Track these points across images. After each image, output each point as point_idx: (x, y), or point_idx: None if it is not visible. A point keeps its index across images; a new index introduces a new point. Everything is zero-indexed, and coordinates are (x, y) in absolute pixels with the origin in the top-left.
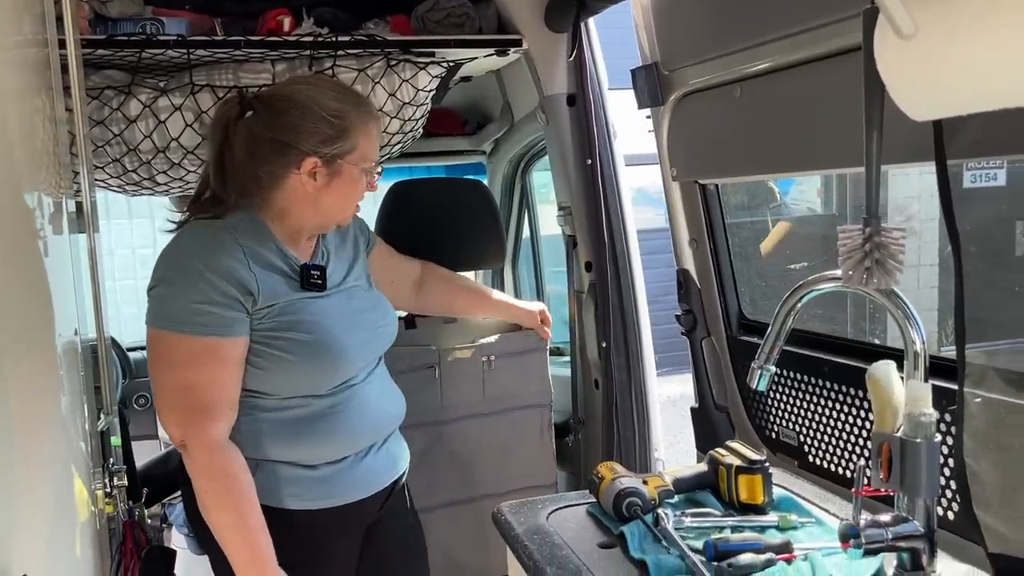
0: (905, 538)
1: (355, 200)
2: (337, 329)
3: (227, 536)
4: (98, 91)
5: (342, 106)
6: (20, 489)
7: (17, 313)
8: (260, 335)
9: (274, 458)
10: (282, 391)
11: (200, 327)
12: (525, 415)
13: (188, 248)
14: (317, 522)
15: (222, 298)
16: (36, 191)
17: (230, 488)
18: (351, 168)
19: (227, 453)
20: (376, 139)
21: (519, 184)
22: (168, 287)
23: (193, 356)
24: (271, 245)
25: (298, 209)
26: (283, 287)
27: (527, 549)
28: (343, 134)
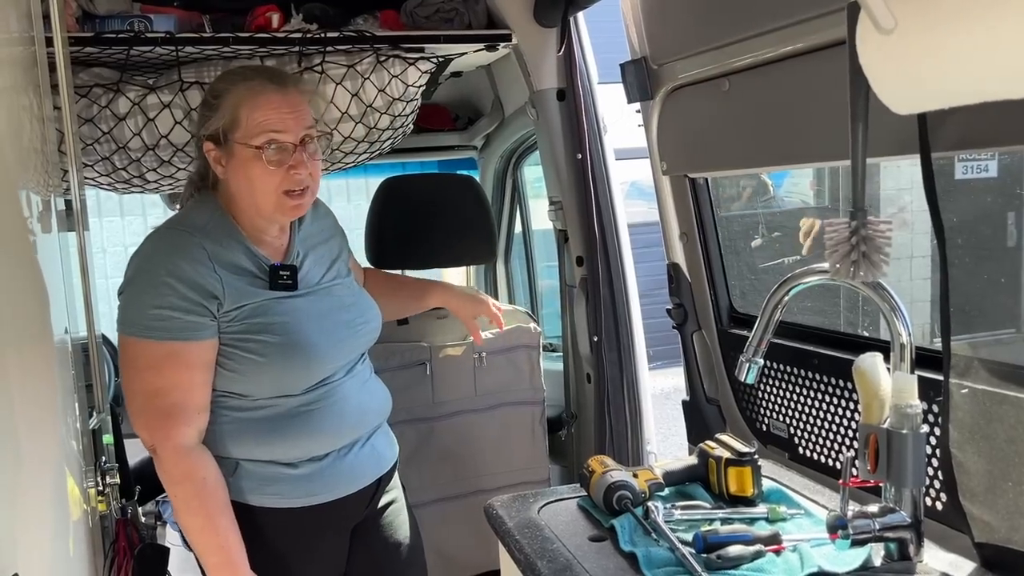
0: (892, 528)
1: (267, 181)
2: (309, 329)
3: (197, 539)
4: (87, 89)
5: (225, 85)
6: (10, 489)
7: (6, 312)
8: (230, 338)
9: (253, 457)
10: (256, 392)
11: (161, 331)
12: (517, 411)
13: (152, 253)
14: (300, 521)
15: (184, 303)
16: (24, 190)
17: (198, 492)
18: (241, 148)
19: (194, 457)
20: (277, 111)
21: (511, 179)
22: (132, 292)
23: (156, 361)
24: (238, 246)
25: (235, 200)
26: (251, 288)
27: (518, 543)
28: (216, 110)
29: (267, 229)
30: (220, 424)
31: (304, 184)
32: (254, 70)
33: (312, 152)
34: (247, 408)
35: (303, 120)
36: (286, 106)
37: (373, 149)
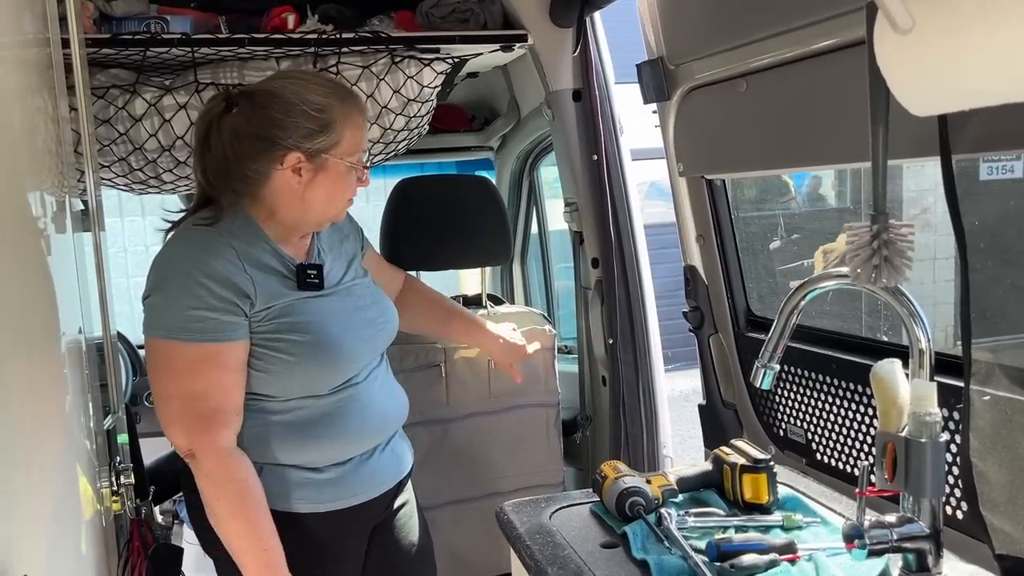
0: (910, 539)
1: (344, 195)
2: (336, 328)
3: (239, 545)
4: (104, 90)
5: (326, 100)
6: (23, 489)
7: (21, 312)
8: (260, 338)
9: (281, 461)
10: (285, 393)
11: (198, 334)
12: (531, 414)
13: (181, 254)
14: (325, 524)
15: (219, 303)
16: (39, 191)
17: (241, 495)
18: (336, 163)
19: (235, 459)
20: (363, 132)
21: (527, 179)
22: (163, 295)
23: (193, 364)
24: (264, 246)
25: (286, 206)
26: (280, 288)
27: (529, 549)
28: (326, 128)
29: (293, 234)
30: (247, 428)
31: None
32: (344, 89)
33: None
34: (274, 411)
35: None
36: (365, 125)
37: (388, 150)
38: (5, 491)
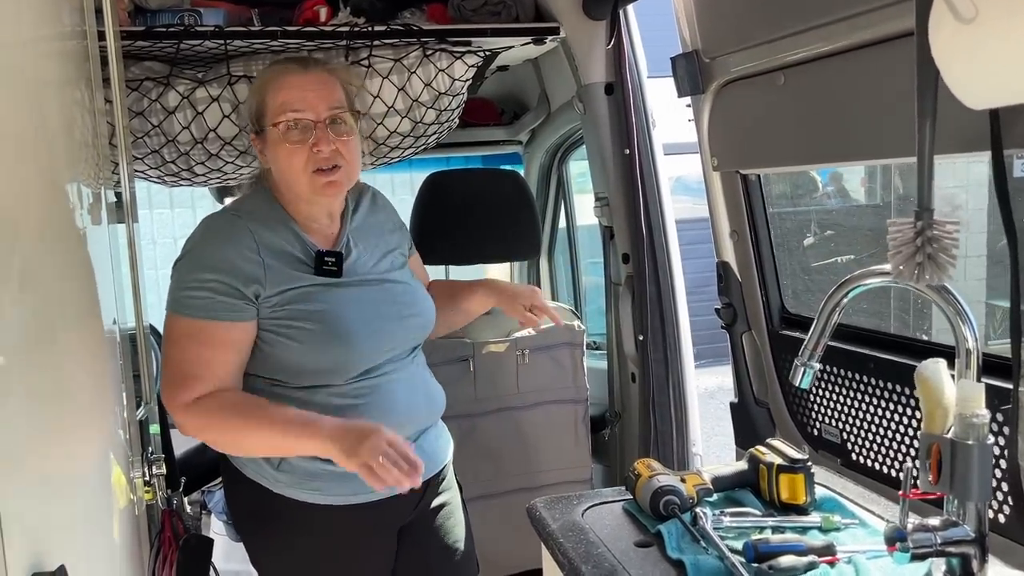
0: (955, 543)
1: (294, 161)
2: (350, 318)
3: (266, 444)
4: (137, 82)
5: (261, 77)
6: (60, 477)
7: (57, 303)
8: (271, 322)
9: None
10: (296, 379)
11: (191, 310)
12: (560, 410)
13: (201, 236)
14: (342, 519)
15: (219, 285)
16: (76, 182)
17: (225, 426)
18: (271, 130)
19: (204, 401)
20: (296, 90)
21: (556, 174)
22: (177, 271)
23: (183, 336)
24: (287, 231)
25: (277, 186)
26: (295, 273)
27: (562, 546)
28: (253, 97)
29: (316, 216)
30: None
31: (332, 162)
32: (286, 58)
33: (341, 131)
34: (293, 398)
35: (327, 98)
36: (308, 84)
37: (419, 144)
38: (44, 479)
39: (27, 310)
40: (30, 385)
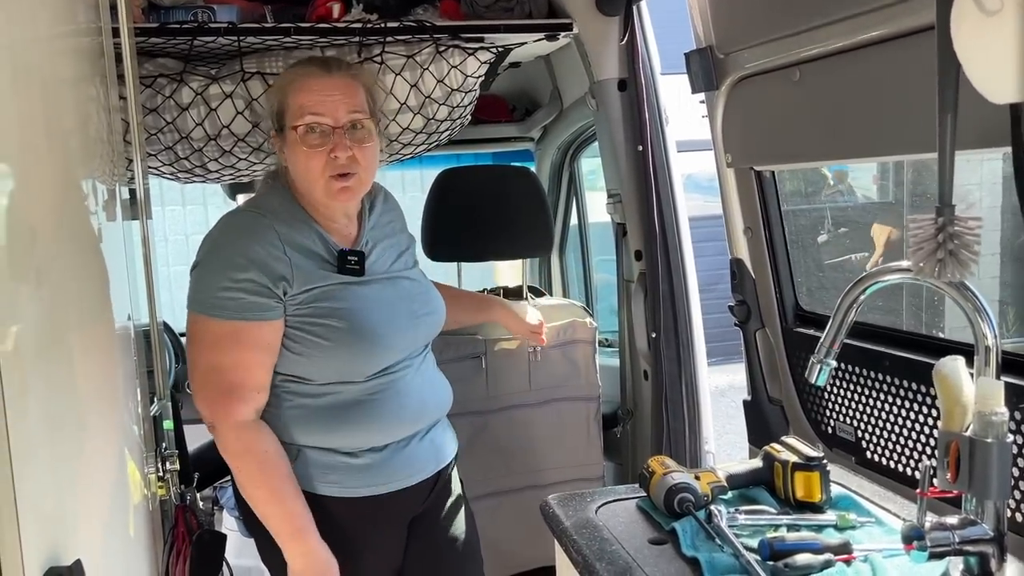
0: (973, 542)
1: (311, 164)
2: (374, 316)
3: (265, 510)
4: (151, 79)
5: (282, 77)
6: (75, 473)
7: (73, 299)
8: (297, 320)
9: (314, 444)
10: (319, 377)
11: (226, 311)
12: (572, 407)
13: (225, 234)
14: (358, 510)
15: (252, 284)
16: (90, 179)
17: (260, 465)
18: (289, 132)
19: (252, 431)
20: (317, 93)
21: (567, 171)
22: (202, 271)
23: (218, 339)
24: (309, 229)
25: (294, 185)
26: (320, 272)
27: (576, 543)
28: (274, 98)
29: (333, 216)
30: (284, 409)
31: (347, 168)
32: (310, 59)
33: (360, 137)
34: (310, 394)
35: (348, 103)
36: (330, 89)
37: (431, 140)
38: (60, 475)
39: (44, 306)
40: (46, 380)
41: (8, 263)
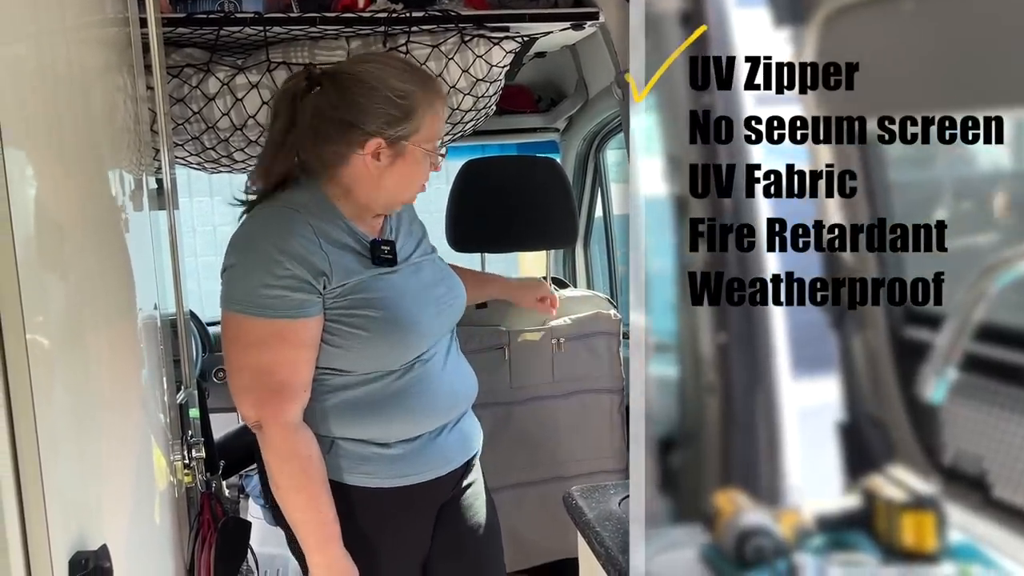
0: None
1: (419, 180)
2: (408, 304)
3: (299, 517)
4: (178, 69)
5: (408, 86)
6: (101, 460)
7: (101, 288)
8: (335, 313)
9: (349, 436)
10: (358, 368)
11: (269, 310)
12: (595, 399)
13: (259, 231)
14: (391, 501)
15: (293, 281)
16: (118, 168)
17: (304, 469)
18: (414, 149)
19: (301, 434)
20: (442, 119)
21: (592, 162)
22: (239, 270)
23: (264, 338)
24: (339, 224)
25: (361, 188)
26: (355, 264)
27: (599, 536)
28: (408, 115)
29: (365, 216)
30: (319, 402)
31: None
32: (428, 76)
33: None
34: (347, 386)
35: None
36: (444, 112)
37: (456, 131)
38: (87, 461)
39: (71, 296)
40: (74, 369)
41: (37, 253)
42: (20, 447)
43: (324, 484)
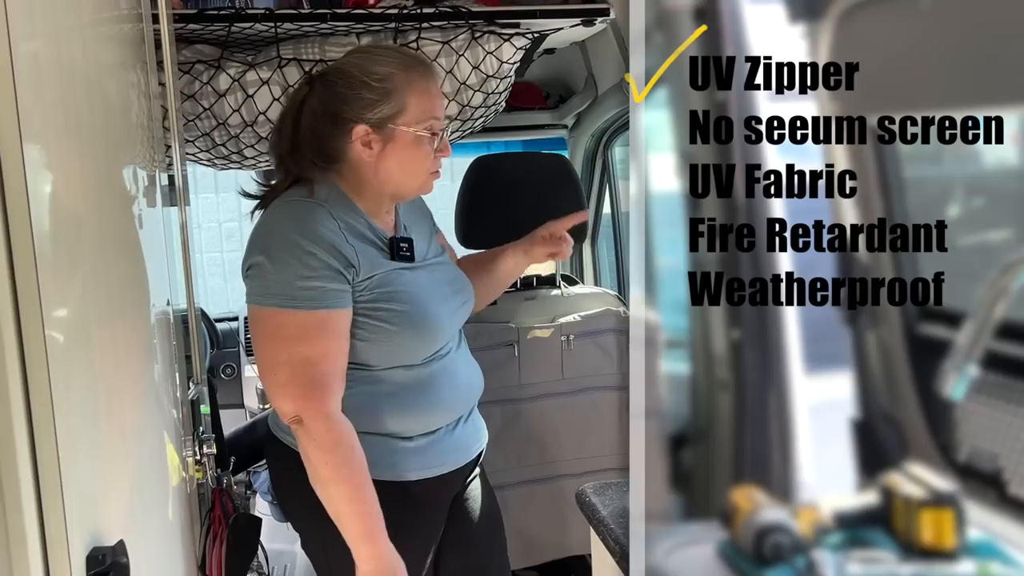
0: None
1: (422, 164)
2: (429, 299)
3: (343, 509)
4: (189, 65)
5: (387, 69)
6: (117, 456)
7: (117, 283)
8: (361, 307)
9: (371, 430)
10: (382, 362)
11: (308, 301)
12: (605, 396)
13: (285, 224)
14: (412, 494)
15: (327, 271)
16: (133, 164)
17: (347, 459)
18: (404, 131)
19: (343, 425)
20: (433, 99)
21: (600, 159)
22: (271, 264)
23: (304, 331)
24: (360, 218)
25: (366, 179)
26: (378, 258)
27: (613, 532)
28: (386, 96)
29: (382, 207)
30: (345, 397)
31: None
32: (409, 55)
33: (446, 137)
34: (370, 380)
35: (444, 105)
36: (438, 93)
37: (465, 127)
38: (102, 458)
39: (87, 292)
40: (90, 365)
41: (55, 247)
42: (39, 442)
43: (366, 475)
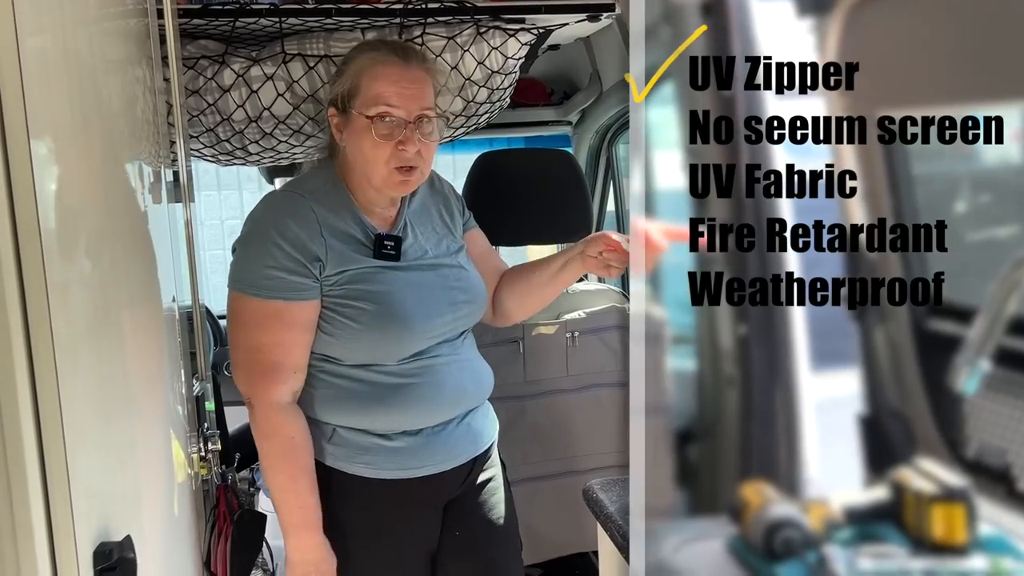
0: None
1: (375, 153)
2: (407, 301)
3: (278, 496)
4: (193, 60)
5: (354, 53)
6: (124, 452)
7: (121, 281)
8: (330, 301)
9: (349, 425)
10: (349, 358)
11: (267, 291)
12: (610, 393)
13: (264, 214)
14: (392, 493)
15: (290, 263)
16: (139, 160)
17: (284, 449)
18: (358, 117)
19: (285, 415)
20: (390, 85)
21: (605, 155)
22: (243, 251)
23: (259, 318)
24: (348, 212)
25: (352, 169)
26: (355, 255)
27: (620, 528)
28: (341, 75)
29: (377, 200)
30: (318, 388)
31: (411, 163)
32: (384, 42)
33: (427, 132)
34: (342, 375)
35: (421, 98)
36: (406, 80)
37: (470, 123)
38: (110, 454)
39: (94, 288)
40: (97, 361)
41: (61, 243)
42: (46, 438)
43: (306, 468)
